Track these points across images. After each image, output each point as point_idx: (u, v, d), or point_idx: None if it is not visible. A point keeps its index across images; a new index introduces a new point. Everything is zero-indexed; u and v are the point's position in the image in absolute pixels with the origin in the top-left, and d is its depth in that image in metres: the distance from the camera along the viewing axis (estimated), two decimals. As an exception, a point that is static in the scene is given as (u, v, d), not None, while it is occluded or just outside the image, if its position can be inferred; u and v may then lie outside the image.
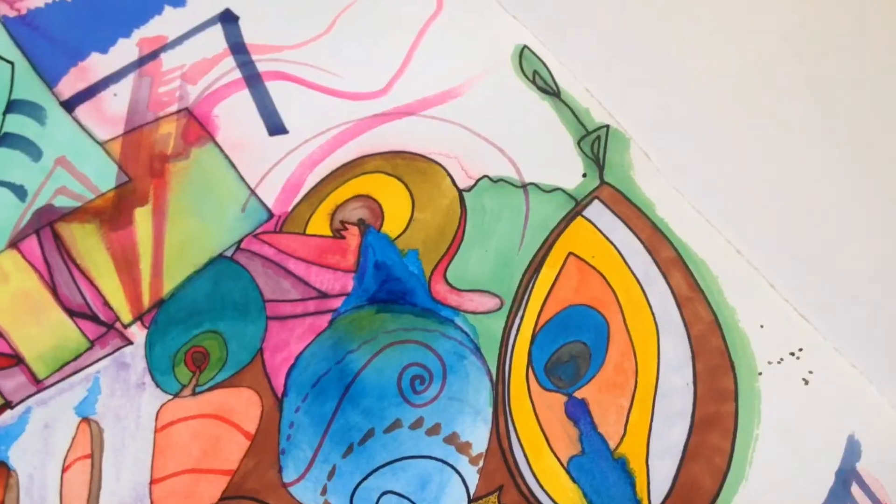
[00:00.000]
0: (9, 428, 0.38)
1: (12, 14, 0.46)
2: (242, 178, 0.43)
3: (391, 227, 0.42)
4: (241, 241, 0.42)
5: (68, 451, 0.37)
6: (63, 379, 0.39)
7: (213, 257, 0.41)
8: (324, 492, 0.37)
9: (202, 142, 0.44)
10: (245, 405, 0.38)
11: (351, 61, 0.46)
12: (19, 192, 0.42)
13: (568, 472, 0.37)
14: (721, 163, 0.43)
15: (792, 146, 0.43)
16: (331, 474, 0.37)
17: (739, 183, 0.43)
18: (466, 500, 0.37)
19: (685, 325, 0.40)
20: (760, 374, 0.39)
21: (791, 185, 0.42)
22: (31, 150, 0.43)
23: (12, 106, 0.44)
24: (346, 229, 0.42)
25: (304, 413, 0.38)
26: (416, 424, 0.38)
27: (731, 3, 0.47)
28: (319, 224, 0.42)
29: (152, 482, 0.37)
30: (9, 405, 0.38)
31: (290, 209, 0.42)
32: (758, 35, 0.46)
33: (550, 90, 0.45)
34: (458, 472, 0.37)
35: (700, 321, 0.40)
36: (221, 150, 0.44)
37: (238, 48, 0.46)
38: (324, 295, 0.41)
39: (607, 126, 0.44)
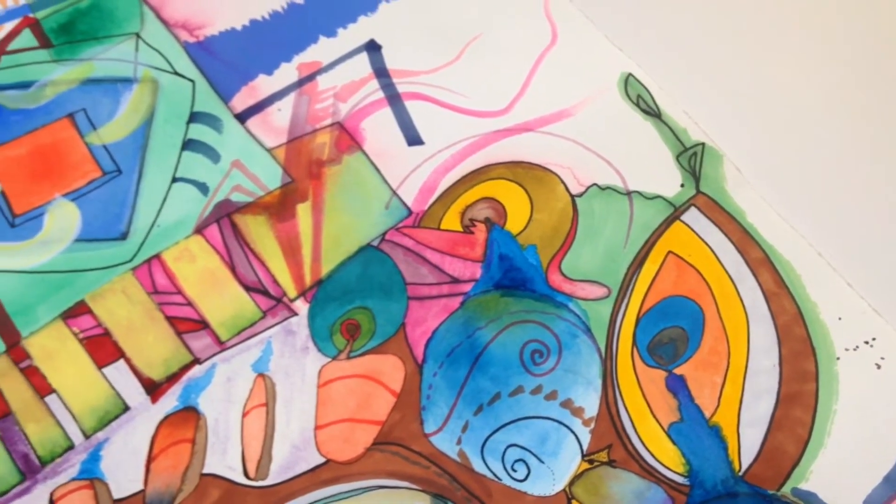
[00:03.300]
0: (198, 380, 0.45)
1: (192, 40, 0.55)
2: (386, 181, 0.50)
3: (513, 225, 0.49)
4: (385, 233, 0.49)
5: (247, 400, 0.44)
6: (241, 341, 0.46)
7: (362, 246, 0.48)
8: (458, 442, 0.43)
9: (352, 150, 0.51)
10: (391, 369, 0.45)
11: (477, 84, 0.53)
12: (202, 188, 0.50)
13: (668, 435, 0.43)
14: (804, 177, 0.49)
15: (867, 162, 0.49)
16: (464, 428, 0.43)
17: (821, 194, 0.49)
18: (580, 454, 0.43)
19: (772, 315, 0.45)
20: (838, 359, 0.44)
21: (865, 195, 0.48)
22: (211, 153, 0.51)
23: (194, 117, 0.52)
24: (474, 226, 0.49)
25: (441, 377, 0.45)
26: (536, 391, 0.44)
27: (813, 37, 0.53)
28: (451, 221, 0.49)
29: (316, 428, 0.44)
30: (198, 361, 0.45)
31: (426, 208, 0.49)
32: (837, 64, 0.52)
33: (652, 112, 0.51)
34: (572, 431, 0.43)
35: (785, 313, 0.45)
36: (368, 158, 0.51)
37: (381, 72, 0.54)
38: (456, 280, 0.47)
39: (703, 143, 0.50)
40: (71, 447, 0.42)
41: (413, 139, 0.51)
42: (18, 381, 0.44)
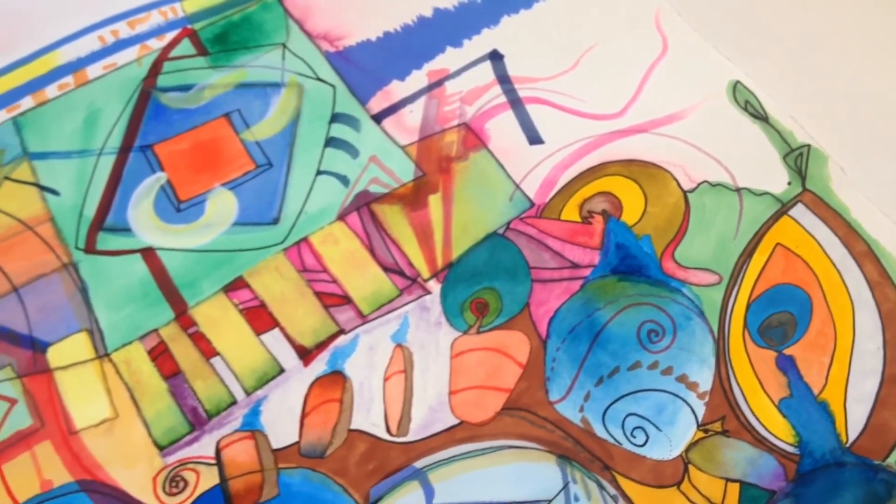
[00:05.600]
0: (344, 348, 0.50)
1: (333, 50, 0.60)
2: (509, 176, 0.55)
3: (628, 217, 0.53)
4: (509, 222, 0.53)
5: (387, 367, 0.49)
6: (381, 315, 0.50)
7: (488, 234, 0.53)
8: (581, 410, 0.47)
9: (478, 148, 0.56)
10: (517, 343, 0.49)
11: (593, 90, 0.57)
12: (343, 180, 0.55)
13: (779, 409, 0.46)
14: (907, 177, 0.52)
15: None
16: (586, 398, 0.47)
17: (923, 193, 0.52)
18: (695, 424, 0.46)
19: (876, 303, 0.48)
20: (941, 343, 0.47)
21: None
22: (351, 150, 0.56)
23: (335, 118, 0.58)
24: (592, 217, 0.53)
25: (563, 352, 0.49)
26: (653, 366, 0.48)
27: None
28: (571, 213, 0.53)
29: (450, 393, 0.48)
30: (343, 331, 0.50)
31: (547, 200, 0.54)
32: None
33: (760, 116, 0.55)
34: (687, 403, 0.47)
35: (888, 300, 0.48)
36: (493, 155, 0.56)
37: (503, 79, 0.59)
38: (576, 265, 0.52)
39: (808, 145, 0.54)
40: (234, 402, 0.48)
41: (534, 139, 0.56)
42: (186, 345, 0.49)
